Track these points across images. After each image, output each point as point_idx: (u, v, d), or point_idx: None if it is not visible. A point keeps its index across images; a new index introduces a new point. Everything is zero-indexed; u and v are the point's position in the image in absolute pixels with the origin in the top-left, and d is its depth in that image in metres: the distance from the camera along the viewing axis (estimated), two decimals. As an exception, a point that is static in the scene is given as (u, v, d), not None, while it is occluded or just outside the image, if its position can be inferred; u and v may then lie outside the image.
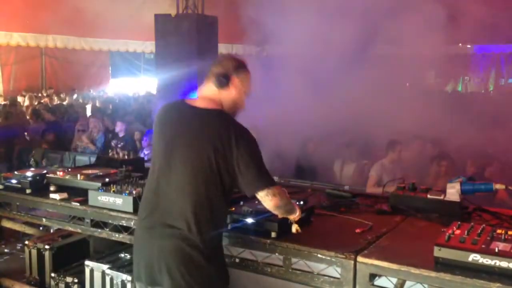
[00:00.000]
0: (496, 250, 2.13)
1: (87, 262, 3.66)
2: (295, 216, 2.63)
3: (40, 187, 3.71)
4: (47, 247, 3.98)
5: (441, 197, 3.00)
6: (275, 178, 2.59)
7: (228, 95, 2.53)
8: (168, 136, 2.51)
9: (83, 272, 3.69)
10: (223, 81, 2.51)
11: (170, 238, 2.39)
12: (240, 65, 2.57)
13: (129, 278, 3.40)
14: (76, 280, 3.76)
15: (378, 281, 2.37)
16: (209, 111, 2.48)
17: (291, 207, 2.58)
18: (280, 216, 2.59)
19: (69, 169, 4.03)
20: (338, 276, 2.42)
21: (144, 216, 2.53)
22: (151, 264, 2.44)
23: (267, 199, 2.43)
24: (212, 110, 2.48)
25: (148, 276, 2.49)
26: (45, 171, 3.90)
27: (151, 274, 2.46)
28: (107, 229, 3.27)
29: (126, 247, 3.78)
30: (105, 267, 3.57)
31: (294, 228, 2.65)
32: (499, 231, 2.32)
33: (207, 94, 2.55)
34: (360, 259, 2.35)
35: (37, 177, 3.77)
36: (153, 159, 2.60)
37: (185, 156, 2.42)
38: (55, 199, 3.50)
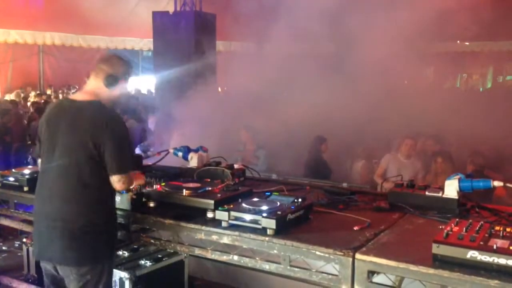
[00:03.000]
0: (494, 247, 2.13)
1: (85, 260, 3.64)
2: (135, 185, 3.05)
3: (38, 184, 3.70)
4: (45, 244, 3.96)
5: (439, 194, 3.00)
6: (274, 176, 2.59)
7: (111, 92, 2.85)
8: (51, 129, 2.81)
9: (81, 269, 3.67)
10: (112, 82, 2.83)
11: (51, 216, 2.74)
12: (128, 70, 2.92)
13: (127, 275, 3.40)
14: (74, 278, 3.75)
15: (376, 278, 2.37)
16: (85, 102, 2.79)
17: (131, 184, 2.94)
18: None
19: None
20: (337, 273, 2.41)
21: (39, 201, 2.85)
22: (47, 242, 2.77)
23: (119, 184, 2.75)
24: (88, 101, 2.78)
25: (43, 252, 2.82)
26: (42, 169, 3.89)
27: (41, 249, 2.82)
28: (105, 227, 3.26)
29: (124, 245, 3.78)
30: (103, 264, 3.56)
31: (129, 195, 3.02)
32: (497, 228, 2.32)
33: (91, 88, 2.86)
34: (358, 256, 2.35)
35: (35, 175, 3.73)
36: (41, 149, 2.91)
37: (65, 144, 2.73)
38: (53, 197, 3.48)
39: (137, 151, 7.03)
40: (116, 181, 2.74)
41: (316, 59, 8.03)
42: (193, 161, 3.84)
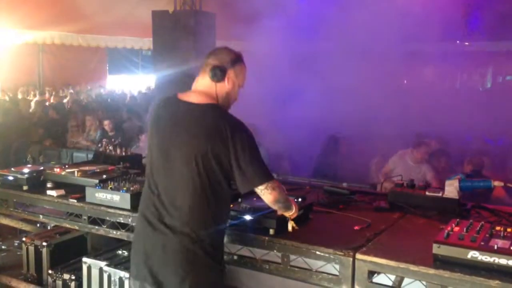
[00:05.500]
0: (495, 247, 2.13)
1: (84, 259, 3.65)
2: (292, 213, 2.61)
3: (37, 183, 3.70)
4: (44, 244, 3.96)
5: (440, 194, 3.00)
6: (274, 176, 2.57)
7: (222, 87, 2.53)
8: (162, 133, 2.52)
9: (80, 269, 3.68)
10: (219, 74, 2.50)
11: (169, 234, 2.39)
12: (236, 59, 2.56)
13: (127, 275, 3.39)
14: (73, 277, 3.75)
15: (376, 278, 2.37)
16: (203, 106, 2.46)
17: (289, 204, 2.57)
18: (278, 211, 2.59)
19: (66, 166, 3.99)
20: (337, 273, 2.41)
21: (143, 211, 2.52)
22: (152, 261, 2.43)
23: (266, 193, 2.41)
24: (206, 105, 2.47)
25: (145, 273, 2.45)
26: (42, 168, 3.88)
27: (150, 271, 2.43)
28: (105, 226, 3.26)
29: (124, 244, 3.77)
30: (102, 264, 3.57)
31: (290, 225, 2.63)
32: (498, 228, 2.32)
33: (202, 87, 2.54)
34: (358, 256, 2.35)
35: (34, 174, 3.75)
36: (148, 156, 2.60)
37: (182, 153, 2.41)
38: (52, 196, 3.49)
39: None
40: (261, 191, 2.40)
41: (318, 58, 8.01)
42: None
